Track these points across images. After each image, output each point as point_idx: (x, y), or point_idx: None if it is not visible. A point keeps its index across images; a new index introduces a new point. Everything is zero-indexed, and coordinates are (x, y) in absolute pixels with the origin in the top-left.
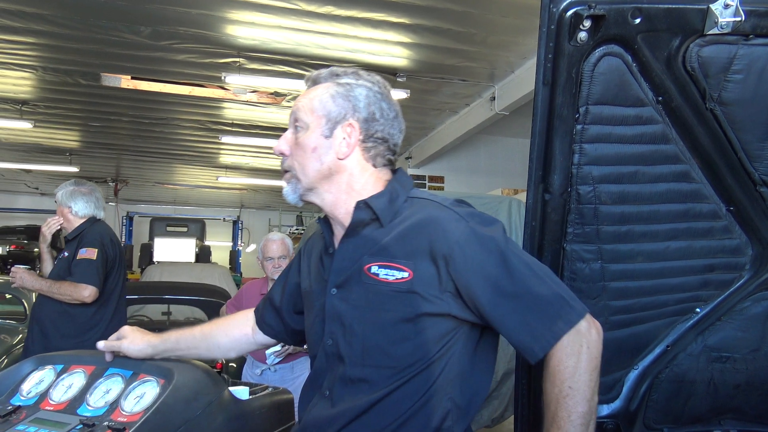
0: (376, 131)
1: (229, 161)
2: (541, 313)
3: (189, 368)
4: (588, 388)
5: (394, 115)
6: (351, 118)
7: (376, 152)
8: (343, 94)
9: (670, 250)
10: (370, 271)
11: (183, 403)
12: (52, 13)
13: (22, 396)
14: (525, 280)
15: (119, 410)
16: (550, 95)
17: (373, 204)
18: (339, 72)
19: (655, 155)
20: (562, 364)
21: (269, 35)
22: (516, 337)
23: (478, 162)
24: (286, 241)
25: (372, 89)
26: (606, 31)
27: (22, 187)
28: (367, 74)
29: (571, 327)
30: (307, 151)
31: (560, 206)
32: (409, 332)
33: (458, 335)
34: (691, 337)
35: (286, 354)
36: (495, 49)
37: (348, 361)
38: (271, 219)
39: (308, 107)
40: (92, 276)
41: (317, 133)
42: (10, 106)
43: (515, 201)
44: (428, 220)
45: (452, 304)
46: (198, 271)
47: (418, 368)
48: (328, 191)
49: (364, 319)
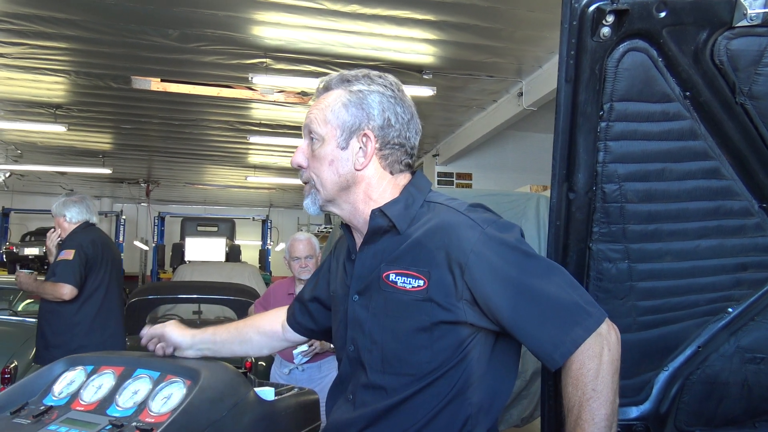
0: (392, 137)
1: (258, 161)
2: (559, 320)
3: (215, 369)
4: (610, 390)
5: (410, 117)
6: (366, 127)
7: (393, 159)
8: (356, 103)
9: (700, 248)
10: (388, 278)
11: (209, 404)
12: (83, 19)
13: (54, 396)
14: (542, 286)
15: (147, 411)
16: (573, 92)
17: (389, 211)
18: (350, 77)
19: (682, 152)
20: (584, 367)
21: (295, 35)
22: (534, 344)
23: (506, 158)
24: (312, 241)
25: (385, 94)
26: (630, 25)
27: (57, 189)
28: (379, 76)
29: (589, 334)
30: (324, 164)
31: (585, 205)
32: (427, 340)
33: (476, 341)
34: (724, 337)
35: (313, 353)
36: (522, 44)
37: (369, 368)
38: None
39: (321, 118)
40: (69, 275)
41: (333, 145)
42: (45, 110)
43: (543, 198)
44: (443, 227)
45: (468, 312)
46: (228, 270)
47: (436, 375)
48: (347, 201)
49: (383, 327)
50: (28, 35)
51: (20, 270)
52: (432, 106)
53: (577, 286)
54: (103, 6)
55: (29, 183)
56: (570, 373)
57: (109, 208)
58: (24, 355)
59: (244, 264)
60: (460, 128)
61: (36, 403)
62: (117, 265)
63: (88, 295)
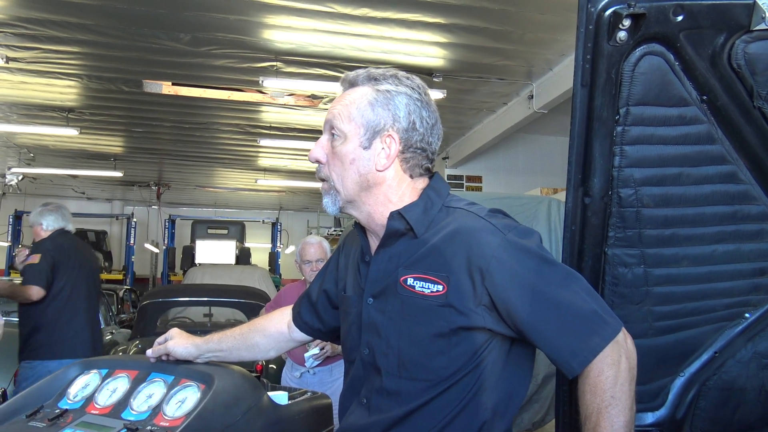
0: (416, 141)
1: (268, 164)
2: (577, 328)
3: (229, 373)
4: (629, 397)
5: (434, 122)
6: (391, 128)
7: (414, 162)
8: (382, 102)
9: (717, 253)
10: (406, 283)
11: (223, 408)
12: (95, 23)
13: (69, 399)
14: (561, 294)
15: (161, 415)
16: (589, 97)
17: (407, 214)
18: (377, 75)
19: (699, 156)
20: (603, 374)
21: (305, 39)
22: (552, 351)
23: (516, 161)
24: (323, 245)
25: (412, 96)
26: (647, 29)
27: (69, 191)
28: (406, 77)
29: (607, 342)
30: (345, 162)
31: (601, 210)
32: (445, 346)
33: (492, 346)
34: (741, 343)
35: (324, 357)
36: (532, 47)
37: (384, 372)
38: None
39: (346, 115)
40: (34, 277)
41: (355, 143)
42: (57, 113)
43: (555, 201)
44: (464, 233)
45: (487, 318)
46: (238, 272)
47: (453, 380)
48: (366, 203)
49: (400, 332)
50: (41, 40)
51: None
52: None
53: (595, 294)
54: (116, 10)
55: (41, 186)
56: (588, 381)
57: (120, 211)
58: None
59: (254, 267)
60: (470, 131)
61: (51, 406)
62: (88, 268)
63: (53, 297)
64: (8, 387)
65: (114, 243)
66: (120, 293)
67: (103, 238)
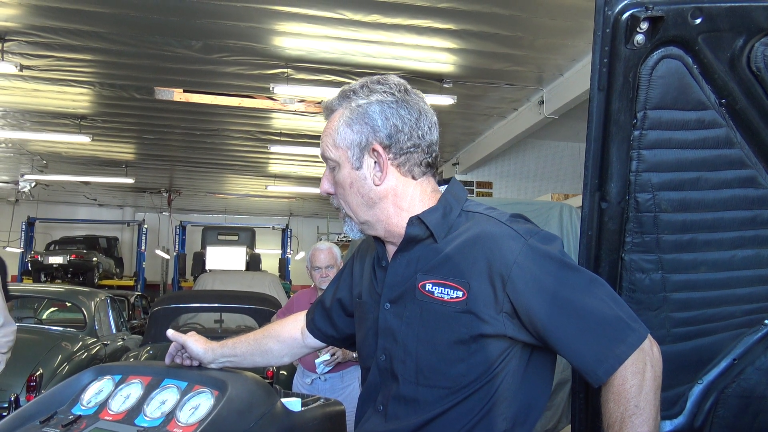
0: (404, 142)
1: (278, 170)
2: (603, 335)
3: (242, 380)
4: (653, 407)
5: (417, 115)
6: (374, 141)
7: (411, 163)
8: (358, 118)
9: (737, 259)
10: (424, 288)
11: (237, 414)
12: (107, 31)
13: (82, 406)
14: (585, 300)
15: (175, 421)
16: (606, 101)
17: (427, 219)
18: (349, 93)
19: (718, 160)
20: (627, 383)
21: (316, 45)
22: (577, 359)
23: (526, 167)
24: (333, 251)
25: (386, 101)
26: (665, 32)
27: (81, 198)
28: (378, 82)
29: (633, 350)
30: (346, 188)
31: (618, 215)
32: (464, 353)
33: (512, 354)
34: (760, 350)
35: (335, 363)
36: (543, 53)
37: (401, 379)
38: (320, 227)
39: (331, 143)
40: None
41: (348, 167)
42: (70, 121)
43: (566, 207)
44: (485, 238)
45: (508, 325)
46: (249, 278)
47: (472, 389)
48: (379, 220)
49: (419, 338)
50: (54, 48)
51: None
52: (452, 114)
53: (620, 300)
54: (128, 18)
55: (54, 193)
56: (612, 389)
57: (131, 218)
58: (49, 363)
59: (264, 273)
60: (481, 137)
61: (65, 412)
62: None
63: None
64: (21, 393)
65: (125, 249)
66: (131, 299)
67: (115, 245)
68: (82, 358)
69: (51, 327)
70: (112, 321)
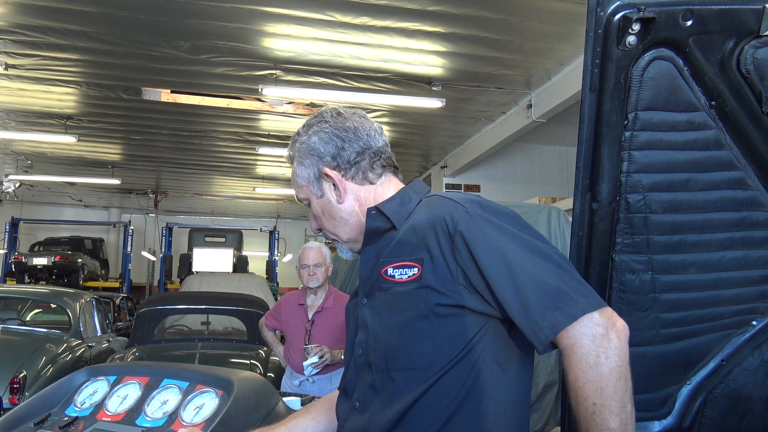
0: (348, 156)
1: (266, 172)
2: (537, 302)
3: (247, 379)
4: (615, 400)
5: (354, 128)
6: (323, 167)
7: (363, 170)
8: (304, 155)
9: (725, 260)
10: (386, 273)
11: (244, 413)
12: (95, 30)
13: (76, 407)
14: (523, 265)
15: (179, 421)
16: (598, 102)
17: (384, 208)
18: (295, 137)
19: (708, 162)
20: (579, 380)
21: (305, 47)
22: (520, 326)
23: (514, 170)
24: (323, 250)
25: (322, 130)
26: (656, 34)
27: (66, 199)
28: (314, 117)
29: (569, 321)
30: (321, 217)
31: (609, 215)
32: (427, 329)
33: (481, 333)
34: (748, 350)
35: (323, 365)
36: (531, 56)
37: (374, 368)
38: (307, 229)
39: (296, 186)
40: None
41: (315, 199)
42: (56, 121)
43: (554, 209)
44: (431, 213)
45: (465, 296)
46: (236, 280)
47: (443, 369)
48: (359, 232)
49: (385, 323)
50: (41, 47)
51: None
52: (440, 117)
53: (570, 274)
54: (115, 18)
55: (39, 193)
56: (569, 386)
57: (117, 219)
58: (33, 364)
59: (251, 274)
60: (469, 140)
61: (58, 414)
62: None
63: None
64: (3, 395)
65: (111, 251)
66: (117, 301)
67: (100, 246)
68: (67, 359)
69: (35, 329)
70: (98, 323)
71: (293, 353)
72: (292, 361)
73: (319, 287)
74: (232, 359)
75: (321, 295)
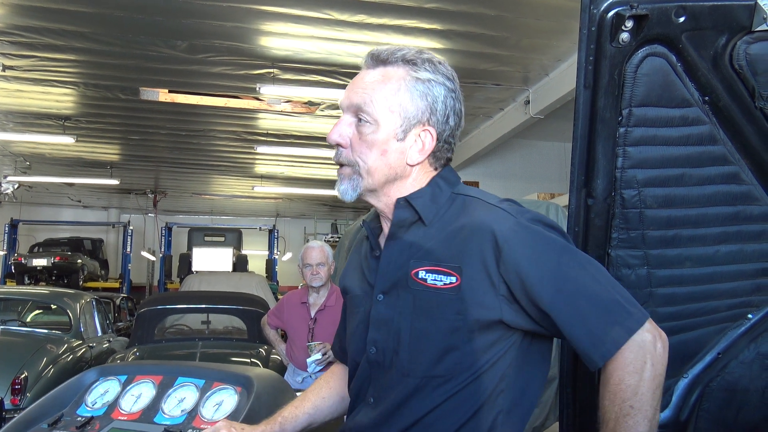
0: (447, 136)
1: (265, 171)
2: (597, 317)
3: (264, 375)
4: (650, 407)
5: (462, 115)
6: (428, 122)
7: (440, 155)
8: (422, 92)
9: (720, 254)
10: (417, 276)
11: (266, 409)
12: (92, 31)
13: (88, 407)
14: (579, 279)
15: (199, 417)
16: (592, 98)
17: (414, 202)
18: (413, 58)
19: (702, 157)
20: (623, 382)
21: (302, 45)
22: (574, 340)
23: (513, 167)
24: (325, 249)
25: (449, 87)
26: (649, 31)
27: (65, 200)
28: (440, 63)
29: (629, 335)
30: (373, 151)
31: (604, 211)
32: (458, 341)
33: (508, 346)
34: (744, 344)
35: (327, 362)
36: (529, 53)
37: (394, 370)
38: (307, 227)
39: (380, 100)
40: None
41: (390, 134)
42: (54, 121)
43: (553, 205)
44: (476, 220)
45: (505, 309)
46: (236, 279)
47: (466, 380)
48: (388, 194)
49: (412, 327)
50: (38, 48)
51: None
52: None
53: (617, 284)
54: (112, 18)
55: (37, 194)
56: (608, 387)
57: (116, 219)
58: (34, 365)
59: (251, 273)
60: (467, 137)
61: (70, 414)
62: None
63: None
64: (5, 396)
65: (110, 251)
66: (117, 301)
67: (100, 247)
68: (68, 360)
69: (36, 329)
70: (98, 323)
71: (296, 351)
72: (295, 358)
73: (322, 286)
74: (233, 358)
75: (323, 293)
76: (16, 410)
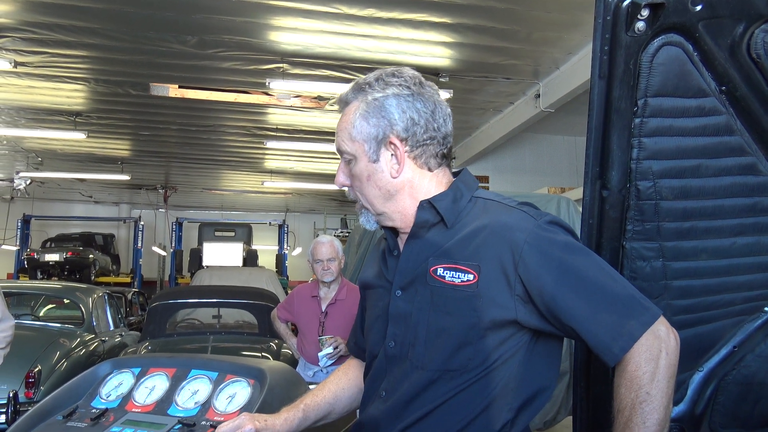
0: (420, 135)
1: (274, 166)
2: (615, 312)
3: (277, 368)
4: (665, 395)
5: (432, 108)
6: (390, 134)
7: (427, 155)
8: (374, 112)
9: (737, 246)
10: (435, 273)
11: (279, 401)
12: (102, 27)
13: (102, 399)
14: (597, 277)
15: (212, 410)
16: (607, 88)
17: (437, 204)
18: (364, 85)
19: (718, 147)
20: (640, 369)
21: (312, 40)
22: (591, 337)
23: (523, 161)
24: (335, 244)
25: (402, 94)
26: (665, 19)
27: (76, 195)
28: (393, 75)
29: (645, 328)
30: (363, 181)
31: (619, 203)
32: (472, 337)
33: (520, 343)
34: (760, 337)
35: (338, 356)
36: (539, 46)
37: (410, 364)
38: (316, 222)
39: (347, 136)
40: None
41: (365, 160)
42: (65, 117)
43: (563, 199)
44: (495, 222)
45: (520, 309)
46: (246, 274)
47: (478, 374)
48: (396, 211)
49: (428, 322)
50: (49, 44)
51: None
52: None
53: (630, 284)
54: (122, 14)
55: (49, 190)
56: (625, 374)
57: (127, 214)
58: (47, 359)
59: (261, 268)
60: (477, 131)
61: (85, 406)
62: None
63: None
64: (19, 389)
65: (121, 246)
66: (128, 296)
67: (111, 242)
68: (80, 354)
69: (49, 324)
70: (110, 317)
71: (307, 345)
72: (306, 352)
73: (333, 281)
74: (244, 352)
75: (334, 288)
76: (30, 403)
